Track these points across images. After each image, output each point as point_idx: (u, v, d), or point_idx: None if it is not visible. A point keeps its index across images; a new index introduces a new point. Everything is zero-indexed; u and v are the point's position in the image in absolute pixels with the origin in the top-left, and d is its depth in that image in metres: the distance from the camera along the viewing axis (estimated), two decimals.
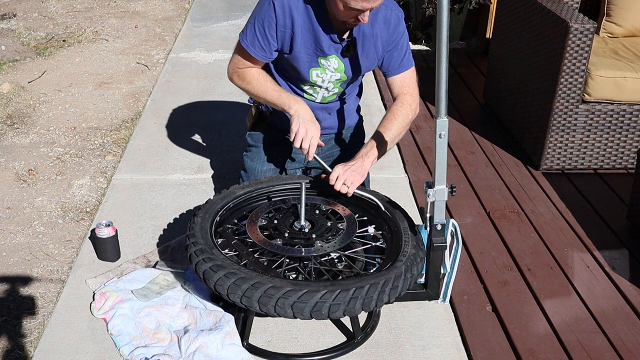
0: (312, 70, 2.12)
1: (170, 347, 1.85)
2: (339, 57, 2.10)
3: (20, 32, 4.75)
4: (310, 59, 2.09)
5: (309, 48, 2.06)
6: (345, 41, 2.07)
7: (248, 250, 1.88)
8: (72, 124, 3.39)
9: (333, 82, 2.17)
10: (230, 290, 1.65)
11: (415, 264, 1.79)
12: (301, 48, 2.06)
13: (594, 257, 2.35)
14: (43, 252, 2.38)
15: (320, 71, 2.13)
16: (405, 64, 2.15)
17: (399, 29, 2.09)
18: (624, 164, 2.91)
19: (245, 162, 2.38)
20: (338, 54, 2.09)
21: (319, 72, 2.13)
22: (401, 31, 2.10)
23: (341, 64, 2.11)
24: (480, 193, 2.76)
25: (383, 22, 2.06)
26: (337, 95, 2.25)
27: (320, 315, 1.62)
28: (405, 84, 2.16)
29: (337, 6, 1.90)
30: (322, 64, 2.11)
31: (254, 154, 2.38)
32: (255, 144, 2.39)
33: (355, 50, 2.09)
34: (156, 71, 4.10)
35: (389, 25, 2.07)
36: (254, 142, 2.40)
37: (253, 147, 2.39)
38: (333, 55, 2.09)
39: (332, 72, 2.13)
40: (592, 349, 1.93)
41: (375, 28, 2.06)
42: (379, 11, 2.04)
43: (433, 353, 1.91)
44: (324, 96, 2.22)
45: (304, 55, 2.08)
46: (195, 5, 5.48)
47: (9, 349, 1.94)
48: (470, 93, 3.78)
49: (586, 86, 2.73)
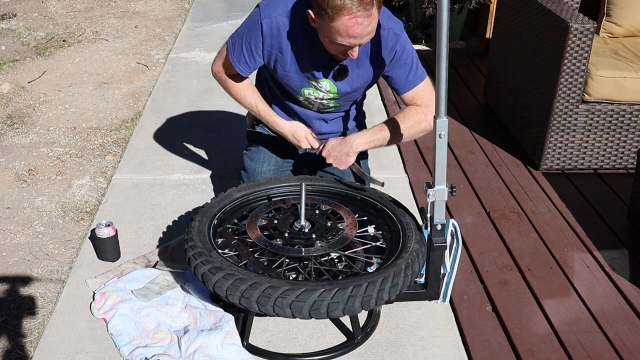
0: (303, 89, 2.10)
1: (170, 347, 1.85)
2: (332, 80, 2.05)
3: (20, 32, 4.76)
4: (301, 78, 2.06)
5: (299, 69, 2.02)
6: (337, 65, 2.00)
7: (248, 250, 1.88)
8: (72, 124, 3.39)
9: (326, 100, 2.13)
10: (229, 291, 1.66)
11: (416, 260, 1.78)
12: (291, 68, 2.03)
13: (594, 257, 2.35)
14: (43, 252, 2.38)
15: (312, 90, 2.10)
16: (412, 80, 2.04)
17: (397, 47, 1.98)
18: (624, 164, 2.91)
19: (245, 162, 2.38)
20: (330, 77, 2.04)
21: (311, 91, 2.10)
22: (400, 50, 1.98)
23: (334, 86, 2.07)
24: (480, 193, 2.76)
25: (378, 42, 1.96)
26: (335, 108, 2.20)
27: (319, 314, 1.62)
28: (418, 97, 2.07)
29: (324, 40, 1.85)
30: (313, 85, 2.07)
31: (254, 154, 2.37)
32: (255, 143, 2.39)
33: (347, 73, 2.02)
34: (156, 71, 4.10)
35: (386, 46, 1.97)
36: (253, 141, 2.39)
37: (253, 147, 2.39)
38: (324, 79, 2.04)
39: (324, 92, 2.09)
40: (592, 349, 1.93)
41: (370, 49, 1.98)
42: (382, 35, 1.95)
43: (433, 353, 1.91)
44: (320, 108, 2.20)
45: (294, 75, 2.05)
46: (195, 5, 5.48)
47: (9, 349, 1.94)
48: (470, 93, 3.78)
49: (586, 86, 2.73)
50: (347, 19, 1.72)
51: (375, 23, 1.78)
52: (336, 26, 1.75)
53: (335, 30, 1.77)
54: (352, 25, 1.74)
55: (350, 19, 1.72)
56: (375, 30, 1.81)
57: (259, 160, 2.35)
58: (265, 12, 1.94)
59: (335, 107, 2.20)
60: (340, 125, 2.32)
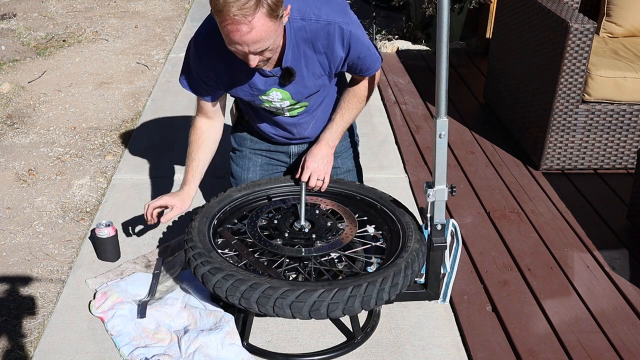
0: (260, 97, 2.03)
1: (170, 347, 1.85)
2: (279, 88, 1.97)
3: (20, 32, 4.76)
4: (251, 96, 2.01)
5: (244, 89, 1.98)
6: (278, 71, 1.91)
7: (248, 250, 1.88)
8: (72, 124, 3.39)
9: (287, 107, 2.08)
10: (229, 292, 1.66)
11: (416, 260, 1.78)
12: (237, 90, 1.99)
13: (594, 257, 2.35)
14: (43, 252, 2.38)
15: (267, 103, 2.05)
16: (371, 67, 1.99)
17: (345, 41, 1.86)
18: (624, 164, 2.91)
19: (232, 167, 2.36)
20: (276, 85, 1.95)
21: (267, 104, 2.06)
22: (348, 43, 1.87)
23: (285, 92, 1.99)
24: (480, 193, 2.76)
25: (325, 37, 1.85)
26: (305, 107, 2.13)
27: (319, 315, 1.62)
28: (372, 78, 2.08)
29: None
30: (263, 99, 2.02)
31: (239, 159, 2.34)
32: (239, 147, 2.35)
33: (294, 74, 1.92)
34: (156, 71, 4.10)
35: (334, 40, 1.86)
36: (238, 145, 2.36)
37: (237, 151, 2.36)
38: (272, 89, 1.97)
39: (279, 101, 2.03)
40: (592, 349, 1.93)
41: (317, 45, 1.87)
42: (320, 27, 1.84)
43: (433, 353, 1.91)
44: (291, 112, 2.13)
45: (243, 95, 2.02)
46: (195, 5, 5.48)
47: (9, 349, 1.94)
48: (470, 93, 3.78)
49: (586, 86, 2.73)
50: (227, 24, 1.62)
51: (262, 31, 1.64)
52: (222, 30, 1.67)
53: (224, 35, 1.68)
54: (232, 30, 1.63)
55: (228, 24, 1.62)
56: (268, 38, 1.68)
57: (245, 167, 2.33)
58: (193, 40, 1.94)
59: (304, 107, 2.13)
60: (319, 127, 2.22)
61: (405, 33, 4.61)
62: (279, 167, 2.35)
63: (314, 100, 2.12)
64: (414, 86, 3.84)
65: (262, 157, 2.34)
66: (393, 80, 3.93)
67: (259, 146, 2.32)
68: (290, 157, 2.33)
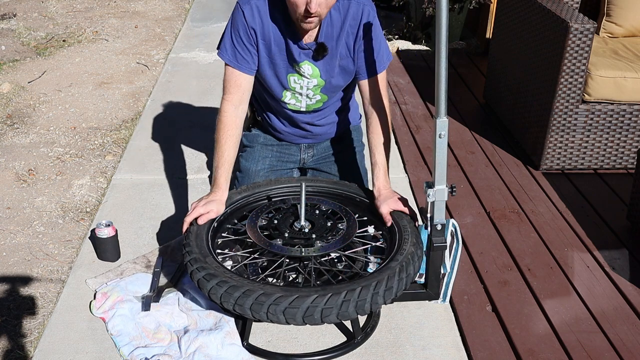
0: (289, 76, 2.11)
1: (170, 347, 1.85)
2: (312, 62, 2.07)
3: (20, 32, 4.76)
4: (285, 65, 2.08)
5: (282, 54, 2.06)
6: (313, 45, 2.03)
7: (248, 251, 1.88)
8: (72, 124, 3.39)
9: (312, 88, 2.14)
10: (223, 298, 1.66)
11: (411, 263, 1.78)
12: (276, 54, 2.06)
13: (594, 257, 2.35)
14: (43, 252, 2.38)
15: (297, 77, 2.11)
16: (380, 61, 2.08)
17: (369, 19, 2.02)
18: (624, 164, 2.91)
19: (240, 163, 2.37)
20: (309, 58, 2.06)
21: (296, 79, 2.11)
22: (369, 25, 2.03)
23: (315, 68, 2.08)
24: (480, 193, 2.76)
25: (352, 17, 2.01)
26: (323, 102, 2.20)
27: (314, 320, 1.62)
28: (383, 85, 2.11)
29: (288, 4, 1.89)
30: (297, 70, 2.09)
31: (249, 154, 2.37)
32: (250, 144, 2.39)
33: (326, 52, 2.04)
34: (156, 71, 4.10)
35: (359, 20, 2.01)
36: (249, 143, 2.40)
37: (248, 148, 2.40)
38: (305, 61, 2.07)
39: (308, 78, 2.11)
40: (592, 349, 1.93)
41: (345, 25, 2.02)
42: (350, 7, 2.00)
43: (433, 353, 1.91)
44: (308, 104, 2.20)
45: (280, 61, 2.07)
46: (195, 5, 5.49)
47: (9, 349, 1.94)
48: (470, 93, 3.78)
49: (586, 86, 2.73)
50: None
51: None
52: None
53: None
54: None
55: None
56: None
57: (253, 160, 2.35)
58: (243, 0, 2.02)
59: (323, 102, 2.20)
60: (333, 126, 2.33)
61: (405, 33, 4.61)
62: (288, 163, 2.39)
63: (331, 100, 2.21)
64: (414, 86, 3.84)
65: (273, 152, 2.38)
66: (393, 80, 3.93)
67: (271, 142, 2.38)
68: (301, 152, 2.38)
